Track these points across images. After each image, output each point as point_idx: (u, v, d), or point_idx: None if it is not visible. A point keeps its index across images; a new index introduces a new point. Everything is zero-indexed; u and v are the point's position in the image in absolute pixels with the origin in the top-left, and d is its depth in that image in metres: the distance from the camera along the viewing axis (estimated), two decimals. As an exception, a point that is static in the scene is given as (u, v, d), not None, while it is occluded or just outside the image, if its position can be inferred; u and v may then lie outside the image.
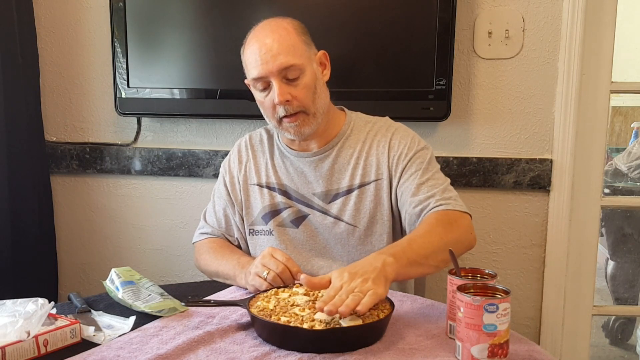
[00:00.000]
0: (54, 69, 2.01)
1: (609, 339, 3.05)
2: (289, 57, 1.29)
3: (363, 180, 1.40)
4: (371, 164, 1.40)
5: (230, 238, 1.50)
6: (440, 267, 1.22)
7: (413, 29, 1.72)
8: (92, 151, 2.01)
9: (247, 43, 1.36)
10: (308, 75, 1.33)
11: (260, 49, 1.30)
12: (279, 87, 1.30)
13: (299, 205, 1.42)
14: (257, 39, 1.33)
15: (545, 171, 1.79)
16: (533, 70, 1.77)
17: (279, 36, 1.31)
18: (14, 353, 0.92)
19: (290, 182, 1.44)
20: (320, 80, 1.37)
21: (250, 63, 1.33)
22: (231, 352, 0.96)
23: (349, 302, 0.98)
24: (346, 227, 1.39)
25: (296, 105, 1.32)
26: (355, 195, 1.39)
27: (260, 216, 1.45)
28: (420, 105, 1.73)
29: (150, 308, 1.12)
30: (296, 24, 1.36)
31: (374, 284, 1.02)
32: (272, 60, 1.29)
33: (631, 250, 3.09)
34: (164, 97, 1.85)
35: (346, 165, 1.41)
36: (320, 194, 1.42)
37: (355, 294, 1.00)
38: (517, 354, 0.96)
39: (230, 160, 1.53)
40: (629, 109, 4.55)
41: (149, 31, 1.84)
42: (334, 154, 1.42)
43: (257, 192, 1.46)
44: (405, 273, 1.14)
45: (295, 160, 1.44)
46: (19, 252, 1.84)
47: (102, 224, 2.06)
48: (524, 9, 1.75)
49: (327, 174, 1.41)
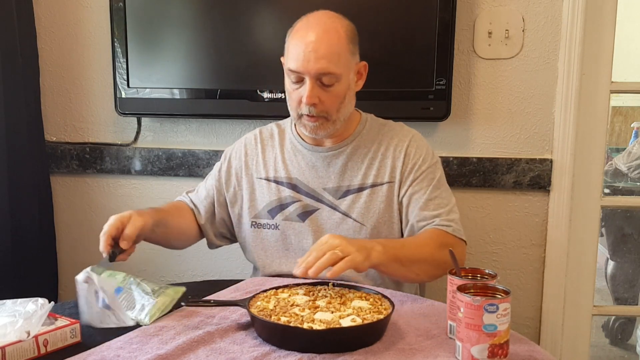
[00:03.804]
0: (54, 69, 2.01)
1: (609, 339, 3.05)
2: (331, 64, 1.29)
3: (376, 180, 1.41)
4: (386, 166, 1.41)
5: (197, 214, 1.51)
6: (421, 277, 1.32)
7: (413, 29, 1.72)
8: (92, 151, 2.01)
9: (296, 30, 1.34)
10: (342, 84, 1.33)
11: (308, 45, 1.29)
12: (311, 89, 1.30)
13: (308, 199, 1.43)
14: (306, 33, 1.31)
15: (545, 171, 1.79)
16: (533, 70, 1.77)
17: (329, 39, 1.30)
18: (14, 353, 0.92)
19: (301, 175, 1.44)
20: (351, 90, 1.38)
21: (292, 54, 1.32)
22: (231, 352, 0.96)
23: (321, 263, 1.07)
24: (354, 225, 1.40)
25: (320, 110, 1.33)
26: (366, 194, 1.40)
27: (266, 210, 1.45)
28: (420, 105, 1.73)
29: (151, 317, 1.08)
30: (350, 30, 1.35)
31: (356, 252, 1.11)
32: (314, 61, 1.28)
33: (631, 250, 3.09)
34: (164, 97, 1.85)
35: (360, 164, 1.42)
36: (331, 189, 1.42)
37: (333, 252, 1.08)
38: (517, 354, 0.96)
39: (234, 149, 1.54)
40: (629, 109, 4.55)
41: (149, 31, 1.84)
42: (349, 151, 1.43)
43: (265, 186, 1.46)
44: (388, 266, 1.22)
45: (308, 154, 1.44)
46: (19, 252, 1.84)
47: (102, 224, 2.04)
48: (524, 9, 1.75)
49: (339, 170, 1.42)
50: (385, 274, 1.30)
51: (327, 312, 1.02)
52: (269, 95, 1.78)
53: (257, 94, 1.79)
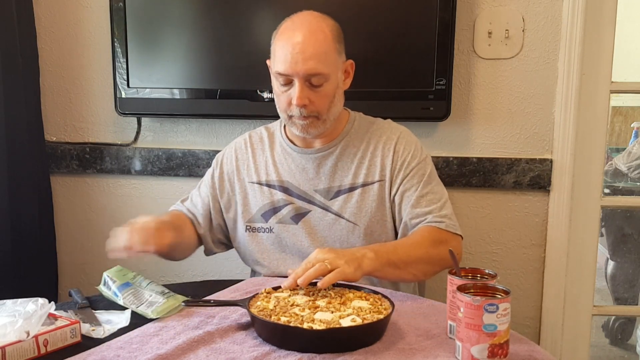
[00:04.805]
0: (54, 69, 2.00)
1: (609, 339, 3.05)
2: (319, 64, 1.29)
3: (366, 179, 1.41)
4: (376, 165, 1.41)
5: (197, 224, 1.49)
6: (419, 277, 1.32)
7: (413, 29, 1.72)
8: (92, 151, 2.01)
9: (281, 32, 1.33)
10: (331, 83, 1.33)
11: (294, 47, 1.28)
12: (300, 91, 1.30)
13: (300, 202, 1.43)
14: (292, 34, 1.30)
15: (545, 171, 1.79)
16: (533, 70, 1.77)
17: (315, 40, 1.29)
18: (14, 353, 0.92)
19: (292, 178, 1.44)
20: (340, 89, 1.38)
21: (279, 56, 1.31)
22: (231, 352, 0.96)
23: (309, 273, 1.09)
24: (347, 225, 1.40)
25: (311, 110, 1.33)
26: (357, 193, 1.40)
27: (259, 214, 1.45)
28: (420, 105, 1.73)
29: (157, 313, 1.10)
30: (335, 29, 1.35)
31: (345, 264, 1.12)
32: (302, 62, 1.28)
33: (631, 250, 3.09)
34: (164, 97, 1.85)
35: (349, 164, 1.42)
36: (322, 190, 1.42)
37: (322, 264, 1.10)
38: (517, 354, 0.96)
39: (224, 155, 1.53)
40: (629, 109, 4.54)
41: (149, 31, 1.84)
42: (338, 151, 1.43)
43: (257, 190, 1.46)
44: (383, 271, 1.23)
45: (298, 157, 1.44)
46: (19, 252, 1.84)
47: (102, 224, 2.06)
48: (524, 9, 1.75)
49: (330, 171, 1.42)
50: (382, 278, 1.30)
51: (327, 312, 1.02)
52: (269, 95, 1.78)
53: (257, 94, 1.79)
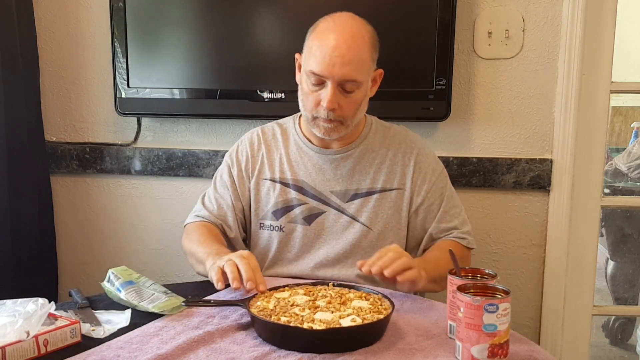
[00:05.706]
0: (54, 69, 2.00)
1: (609, 339, 3.05)
2: (356, 71, 1.28)
3: (385, 185, 1.41)
4: (395, 172, 1.42)
5: (227, 228, 1.46)
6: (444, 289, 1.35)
7: (413, 29, 1.72)
8: (92, 151, 2.01)
9: (321, 31, 1.31)
10: (362, 91, 1.33)
11: (334, 49, 1.26)
12: (332, 94, 1.28)
13: (314, 202, 1.42)
14: (332, 35, 1.28)
15: (545, 171, 1.79)
16: (533, 70, 1.77)
17: (356, 46, 1.28)
18: (14, 353, 0.92)
19: (308, 177, 1.43)
20: (367, 96, 1.38)
21: (316, 56, 1.28)
22: (231, 352, 0.96)
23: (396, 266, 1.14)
24: (361, 229, 1.40)
25: (338, 114, 1.32)
26: (375, 198, 1.41)
27: (271, 211, 1.44)
28: (420, 105, 1.73)
29: (158, 308, 1.11)
30: (373, 37, 1.34)
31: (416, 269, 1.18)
32: (339, 66, 1.26)
33: (631, 250, 3.09)
34: (164, 97, 1.85)
35: (368, 168, 1.42)
36: (339, 192, 1.42)
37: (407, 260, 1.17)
38: (517, 354, 0.96)
39: (238, 151, 1.51)
40: (629, 109, 4.54)
41: (149, 31, 1.84)
42: (357, 154, 1.43)
43: (270, 187, 1.45)
44: (426, 287, 1.27)
45: (315, 156, 1.44)
46: (19, 252, 1.84)
47: (102, 224, 2.06)
48: (524, 9, 1.75)
49: (347, 173, 1.42)
50: (419, 292, 1.33)
51: (327, 312, 1.02)
52: (269, 95, 1.78)
53: (257, 94, 1.79)
